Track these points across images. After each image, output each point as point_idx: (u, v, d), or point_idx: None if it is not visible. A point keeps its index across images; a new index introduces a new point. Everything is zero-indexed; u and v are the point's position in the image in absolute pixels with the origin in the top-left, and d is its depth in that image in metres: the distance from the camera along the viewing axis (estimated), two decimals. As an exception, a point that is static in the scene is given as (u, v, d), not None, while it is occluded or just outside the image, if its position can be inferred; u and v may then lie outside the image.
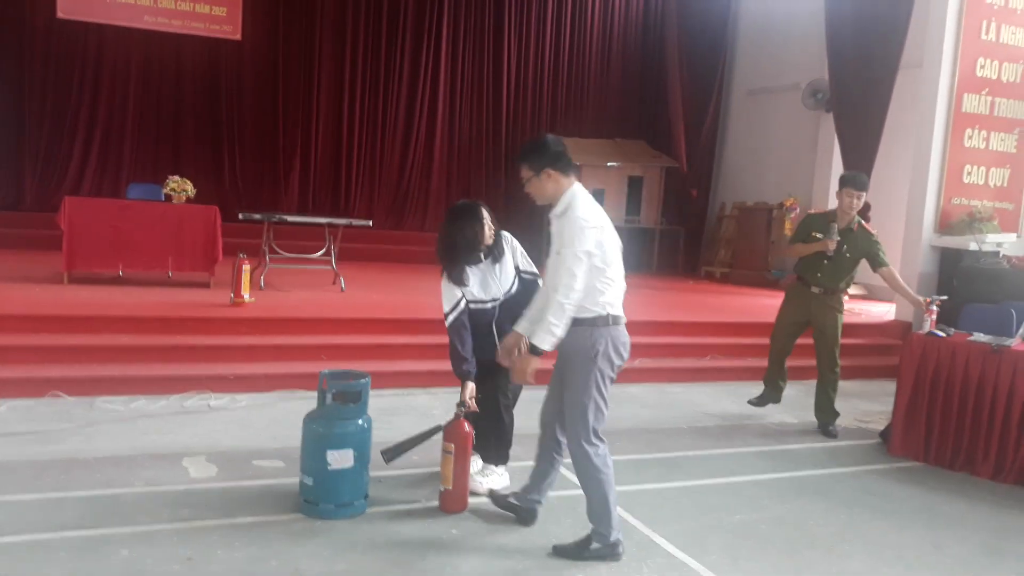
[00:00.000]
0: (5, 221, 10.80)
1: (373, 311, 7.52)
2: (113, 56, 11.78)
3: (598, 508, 3.54)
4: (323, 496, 3.74)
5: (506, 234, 4.31)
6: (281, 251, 8.70)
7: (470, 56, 13.66)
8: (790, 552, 3.78)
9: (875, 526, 4.18)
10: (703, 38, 13.74)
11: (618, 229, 3.69)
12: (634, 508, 4.13)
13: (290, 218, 9.34)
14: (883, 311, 9.84)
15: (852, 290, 11.24)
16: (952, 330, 5.56)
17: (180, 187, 8.17)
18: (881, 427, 5.97)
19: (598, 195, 13.54)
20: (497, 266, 4.24)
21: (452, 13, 13.42)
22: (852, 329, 8.83)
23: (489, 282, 4.22)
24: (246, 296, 7.10)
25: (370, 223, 9.35)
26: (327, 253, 8.80)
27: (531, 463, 3.90)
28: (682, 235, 14.01)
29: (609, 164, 13.21)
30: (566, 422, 3.57)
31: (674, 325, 8.18)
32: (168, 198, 8.20)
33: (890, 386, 6.04)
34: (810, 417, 6.10)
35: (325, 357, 6.21)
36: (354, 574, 3.27)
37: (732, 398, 6.75)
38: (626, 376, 6.82)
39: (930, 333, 5.48)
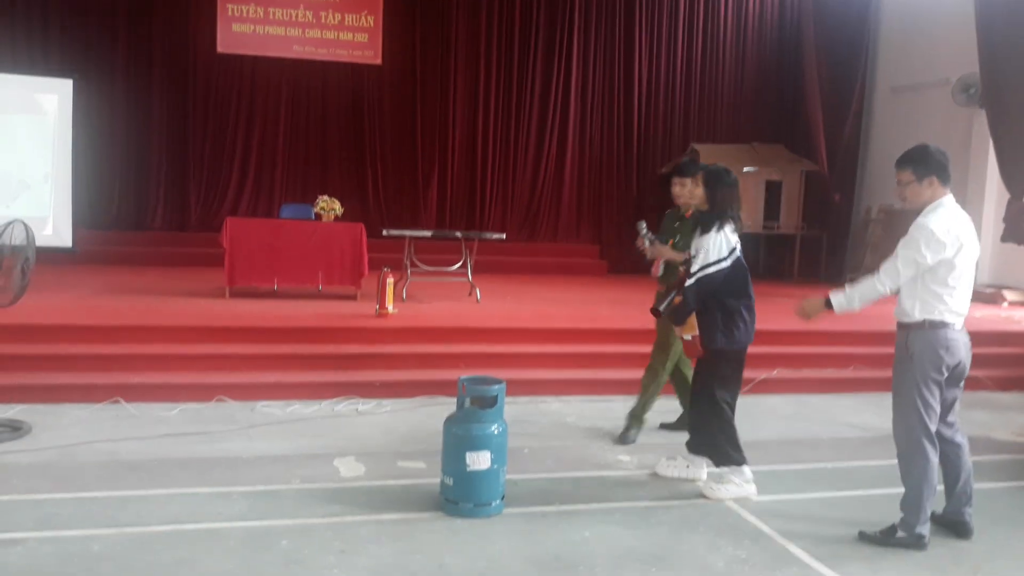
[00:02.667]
0: (173, 241, 11.81)
1: (507, 320, 7.74)
2: (265, 85, 12.63)
3: (912, 500, 3.81)
4: (463, 495, 3.95)
5: None
6: (421, 265, 9.09)
7: (601, 66, 13.73)
8: (933, 568, 3.66)
9: (1019, 540, 3.99)
10: (842, 34, 13.23)
11: (756, 236, 3.83)
12: (769, 519, 4.11)
13: (429, 233, 9.73)
14: (1047, 318, 9.23)
15: (1011, 295, 10.59)
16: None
17: (329, 206, 8.70)
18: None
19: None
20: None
21: (583, 24, 13.55)
22: (1011, 338, 8.37)
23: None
24: (390, 308, 7.48)
25: (503, 236, 9.64)
26: (463, 266, 9.13)
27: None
28: (825, 240, 13.54)
29: (746, 169, 12.96)
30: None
31: (814, 335, 7.94)
32: (318, 217, 8.74)
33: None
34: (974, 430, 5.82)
35: (463, 365, 6.45)
36: (495, 571, 3.43)
37: (875, 410, 6.52)
38: (764, 387, 6.83)
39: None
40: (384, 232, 9.24)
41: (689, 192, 5.17)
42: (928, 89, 12.45)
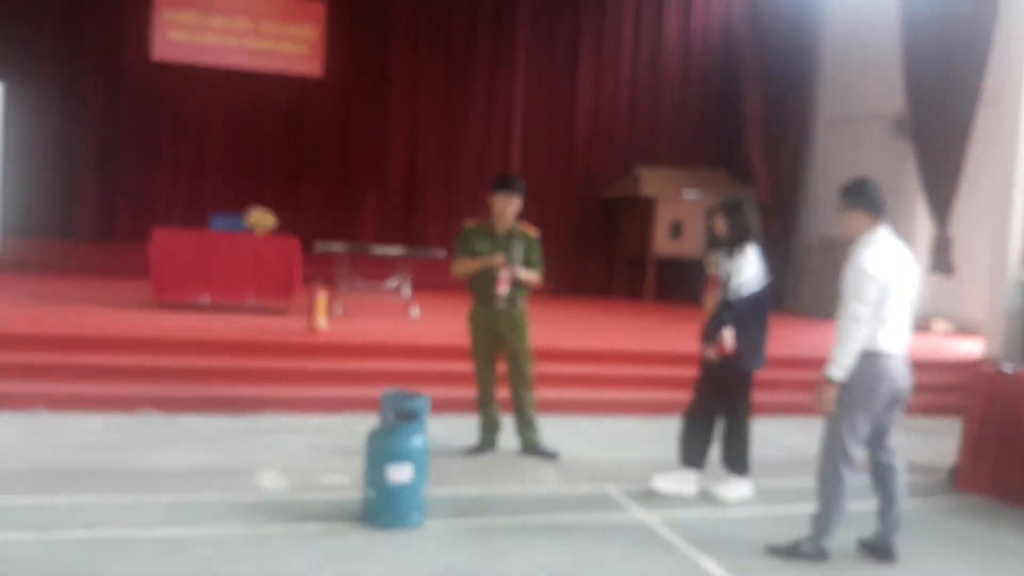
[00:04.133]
0: (101, 250, 11.55)
1: (442, 338, 7.74)
2: (201, 94, 12.48)
3: (822, 517, 3.98)
4: (383, 508, 3.96)
5: None
6: (358, 280, 9.04)
7: (544, 88, 13.84)
8: (834, 578, 3.79)
9: (930, 559, 4.15)
10: (783, 67, 13.47)
11: (698, 262, 3.96)
12: (685, 534, 4.22)
13: (366, 248, 9.69)
14: (969, 347, 9.55)
15: (939, 325, 10.94)
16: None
17: (261, 219, 8.58)
18: (951, 463, 5.84)
19: (676, 227, 13.53)
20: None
21: (527, 46, 13.70)
22: (934, 366, 8.67)
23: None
24: (321, 323, 7.42)
25: (444, 253, 9.64)
26: (400, 282, 9.11)
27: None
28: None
29: (686, 196, 13.19)
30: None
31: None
32: (250, 229, 8.61)
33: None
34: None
35: (394, 382, 6.43)
36: (409, 582, 3.45)
37: (801, 432, 6.68)
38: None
39: (999, 369, 5.38)
40: (318, 246, 9.17)
41: (512, 211, 5.25)
42: (865, 122, 12.82)
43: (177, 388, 6.09)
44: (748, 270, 4.70)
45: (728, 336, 4.70)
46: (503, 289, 5.12)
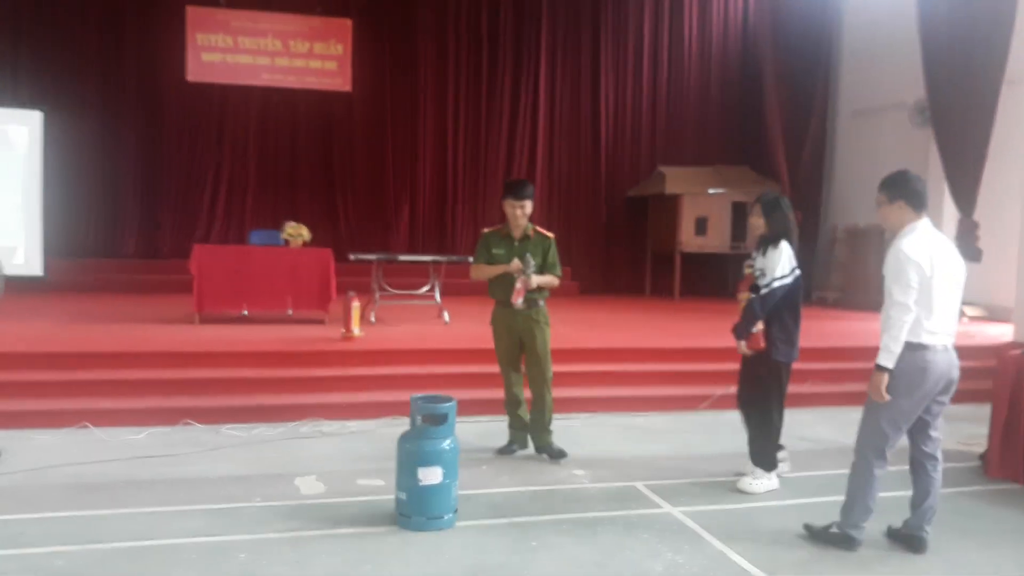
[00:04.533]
0: (144, 268, 11.92)
1: (473, 342, 7.88)
2: (235, 113, 12.84)
3: (848, 504, 4.07)
4: (415, 510, 4.10)
5: None
6: (390, 288, 9.25)
7: (568, 92, 14.03)
8: (862, 567, 3.86)
9: (958, 545, 4.18)
10: (802, 61, 13.59)
11: (724, 256, 4.03)
12: (711, 526, 4.31)
13: (396, 257, 9.91)
14: (999, 332, 9.49)
15: (969, 311, 10.87)
16: (1051, 349, 5.44)
17: (296, 232, 8.85)
18: (982, 450, 5.85)
19: (701, 223, 13.69)
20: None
21: (549, 53, 13.89)
22: (965, 351, 8.56)
23: None
24: (356, 331, 7.63)
25: (472, 259, 9.76)
26: (431, 289, 9.30)
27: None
28: (790, 259, 13.81)
29: (711, 191, 13.26)
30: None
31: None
32: (286, 242, 8.88)
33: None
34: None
35: (428, 385, 6.59)
36: (441, 580, 3.59)
37: (828, 423, 6.75)
38: (723, 403, 7.03)
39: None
40: (351, 256, 9.39)
41: (524, 215, 5.42)
42: (887, 112, 12.82)
43: (218, 399, 6.30)
44: (782, 265, 4.84)
45: (759, 331, 4.86)
46: (518, 301, 5.24)
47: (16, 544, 3.81)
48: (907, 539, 4.11)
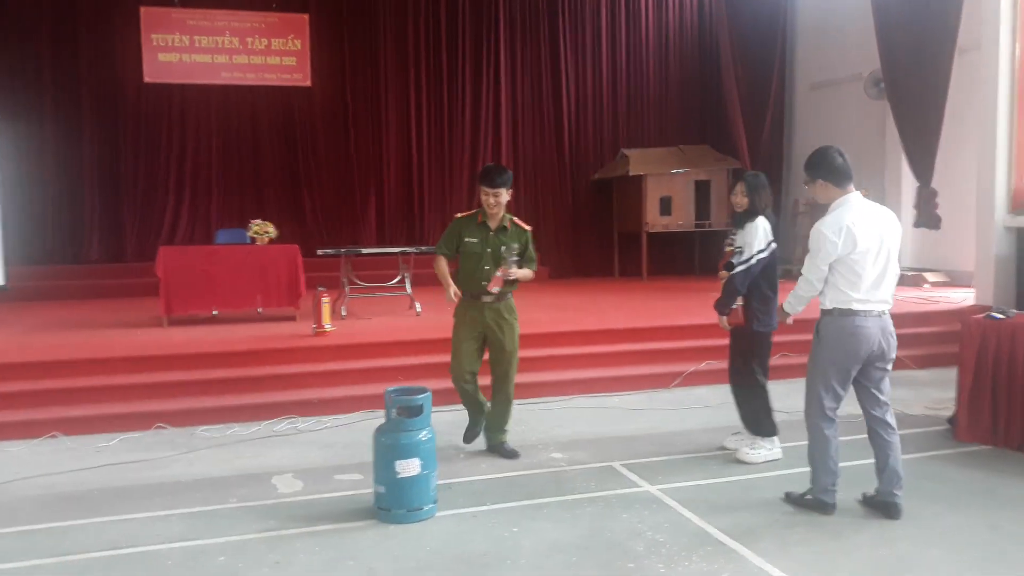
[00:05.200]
0: (109, 273, 11.74)
1: (446, 331, 7.82)
2: (196, 113, 12.67)
3: (814, 472, 4.23)
4: (394, 502, 4.10)
5: None
6: (359, 282, 9.21)
7: (529, 78, 14.03)
8: (837, 537, 3.92)
9: (930, 510, 4.26)
10: (757, 38, 13.70)
11: (689, 234, 4.12)
12: (689, 504, 4.35)
13: (364, 250, 9.86)
14: (961, 297, 9.67)
15: (932, 277, 11.05)
16: (1013, 311, 5.56)
17: (262, 229, 8.76)
18: (950, 414, 5.96)
19: (665, 203, 13.80)
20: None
21: (509, 37, 13.86)
22: (928, 317, 8.78)
23: None
24: (327, 326, 7.60)
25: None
26: (401, 280, 9.27)
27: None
28: (754, 235, 13.95)
29: (673, 171, 13.34)
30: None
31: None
32: (252, 240, 8.80)
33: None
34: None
35: (401, 378, 6.59)
36: (423, 572, 3.59)
37: (801, 394, 6.81)
38: (693, 379, 7.12)
39: (988, 315, 5.49)
40: (319, 252, 9.33)
41: (501, 204, 5.10)
42: (843, 84, 12.97)
43: (191, 401, 6.25)
44: (759, 239, 4.99)
45: (739, 307, 5.04)
46: (493, 288, 5.02)
47: (-8, 559, 3.76)
48: (881, 506, 4.20)
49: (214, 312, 8.52)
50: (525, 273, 5.21)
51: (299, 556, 3.73)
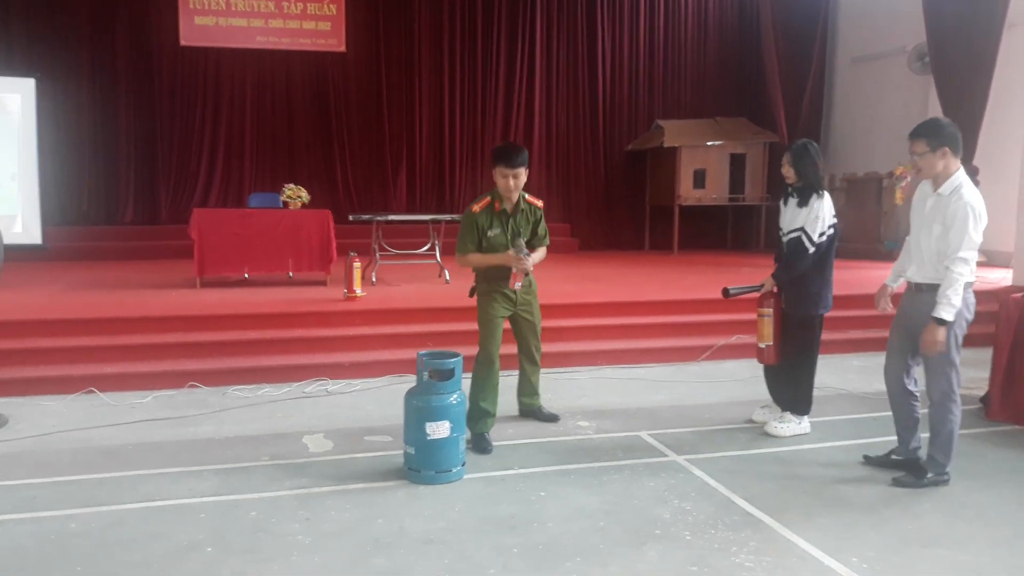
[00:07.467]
0: (144, 234, 11.89)
1: (474, 300, 7.90)
2: (231, 77, 12.71)
3: (944, 444, 4.14)
4: (424, 463, 4.14)
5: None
6: (390, 248, 9.25)
7: (564, 48, 13.91)
8: (867, 511, 3.90)
9: (960, 486, 4.22)
10: (798, 10, 13.48)
11: (723, 208, 4.03)
12: (717, 473, 4.35)
13: (396, 217, 9.89)
14: (999, 277, 9.50)
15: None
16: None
17: (295, 194, 8.83)
18: (983, 393, 5.89)
19: (699, 175, 13.72)
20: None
21: (545, 5, 13.74)
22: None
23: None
24: (358, 291, 7.65)
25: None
26: (431, 248, 9.29)
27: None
28: (789, 210, 13.81)
29: (709, 143, 13.20)
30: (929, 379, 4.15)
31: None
32: (285, 204, 8.86)
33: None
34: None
35: (430, 343, 6.62)
36: (452, 531, 3.63)
37: (832, 370, 6.78)
38: (723, 352, 7.09)
39: (1027, 295, 5.39)
40: (351, 218, 9.37)
41: (518, 185, 4.87)
42: (886, 58, 12.70)
43: (223, 361, 6.33)
44: (828, 215, 4.83)
45: (767, 333, 4.99)
46: (516, 285, 4.83)
47: (30, 508, 3.85)
48: (907, 465, 4.29)
49: (246, 275, 8.61)
50: (540, 256, 5.02)
51: (330, 513, 3.78)
